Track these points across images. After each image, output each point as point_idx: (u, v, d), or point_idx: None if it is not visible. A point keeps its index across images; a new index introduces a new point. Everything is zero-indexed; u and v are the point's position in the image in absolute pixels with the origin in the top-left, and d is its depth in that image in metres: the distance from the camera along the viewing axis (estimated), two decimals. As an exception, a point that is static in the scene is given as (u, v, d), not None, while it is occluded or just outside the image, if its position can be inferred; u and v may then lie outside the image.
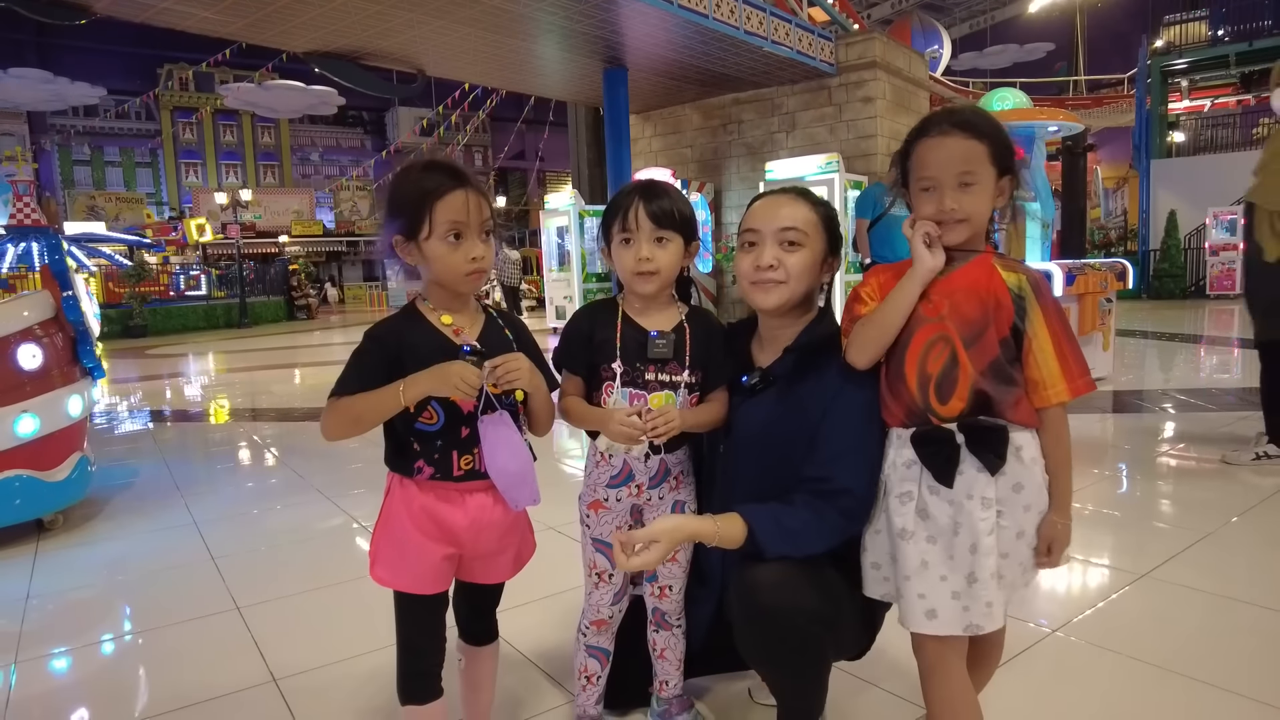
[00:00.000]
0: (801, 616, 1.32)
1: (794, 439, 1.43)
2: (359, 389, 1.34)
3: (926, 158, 1.32)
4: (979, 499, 1.28)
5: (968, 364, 1.29)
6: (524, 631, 2.15)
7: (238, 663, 2.11)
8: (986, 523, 1.28)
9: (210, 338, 15.02)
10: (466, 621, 1.56)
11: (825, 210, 1.51)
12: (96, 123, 31.37)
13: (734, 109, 11.76)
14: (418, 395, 1.31)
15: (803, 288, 1.48)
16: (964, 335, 1.30)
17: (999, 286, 1.31)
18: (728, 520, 1.36)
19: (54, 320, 3.30)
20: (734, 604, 1.38)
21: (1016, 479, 1.30)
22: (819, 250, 1.48)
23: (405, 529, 1.38)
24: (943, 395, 1.31)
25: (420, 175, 1.36)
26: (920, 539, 1.31)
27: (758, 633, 1.35)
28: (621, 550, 1.32)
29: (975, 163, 1.30)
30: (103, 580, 2.85)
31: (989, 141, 1.30)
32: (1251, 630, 2.09)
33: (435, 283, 1.40)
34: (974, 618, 1.28)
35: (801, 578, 1.35)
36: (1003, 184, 1.34)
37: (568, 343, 1.55)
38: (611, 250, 1.52)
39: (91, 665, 2.20)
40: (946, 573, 1.29)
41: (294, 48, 9.58)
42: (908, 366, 1.33)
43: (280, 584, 2.66)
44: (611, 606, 1.58)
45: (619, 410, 1.44)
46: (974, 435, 1.29)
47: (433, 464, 1.37)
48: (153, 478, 4.23)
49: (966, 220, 1.31)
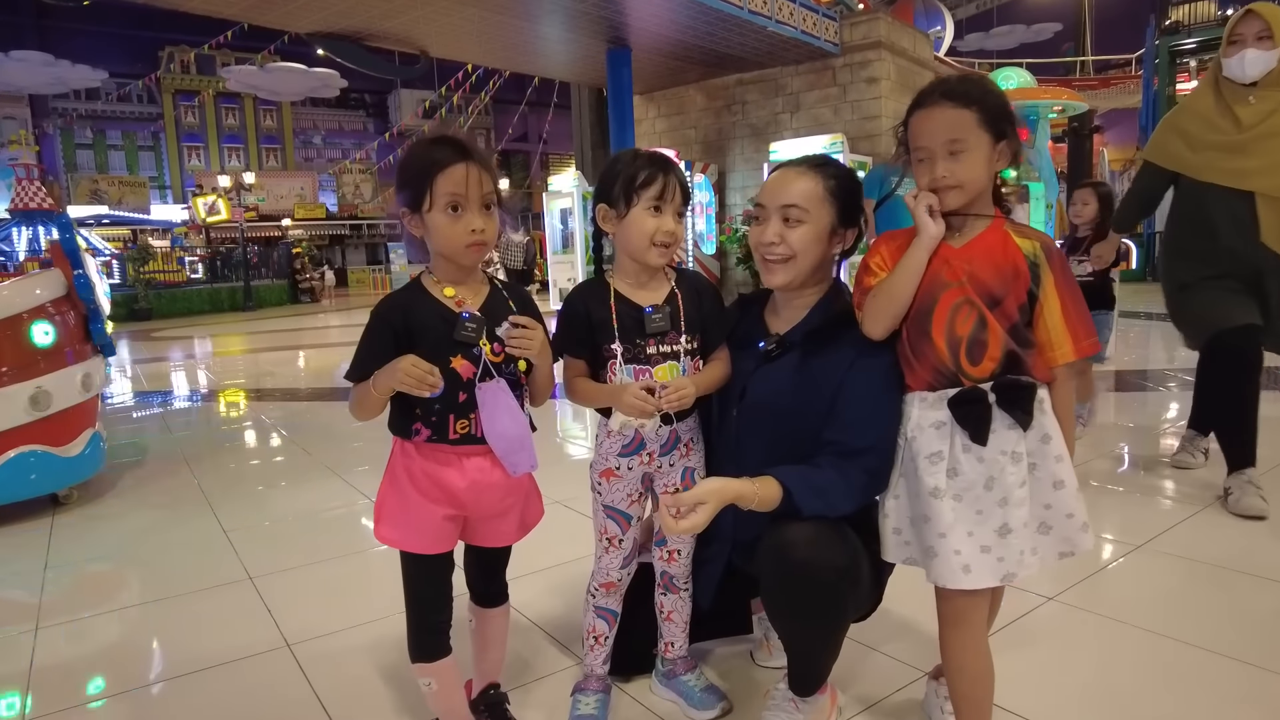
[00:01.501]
0: (834, 573, 1.35)
1: (807, 408, 1.45)
2: (368, 368, 1.39)
3: (918, 129, 1.37)
4: (1010, 454, 1.33)
5: (997, 326, 1.33)
6: (531, 599, 2.20)
7: (252, 629, 2.17)
8: (1016, 476, 1.33)
9: (215, 321, 15.08)
10: (477, 583, 1.60)
11: (837, 181, 1.50)
12: (98, 106, 31.24)
13: (738, 90, 11.71)
14: (385, 391, 1.37)
15: (809, 262, 1.49)
16: (986, 298, 1.34)
17: (1015, 254, 1.35)
18: (764, 483, 1.39)
19: (66, 298, 3.34)
20: (766, 563, 1.40)
21: (1044, 430, 1.35)
22: (824, 223, 1.48)
23: (407, 490, 1.43)
24: (974, 357, 1.35)
25: (426, 148, 1.41)
26: (949, 496, 1.35)
27: (792, 590, 1.37)
28: (669, 514, 1.34)
29: (963, 130, 1.33)
30: (118, 552, 2.91)
31: (977, 107, 1.33)
32: (1244, 598, 2.14)
33: (439, 255, 1.44)
34: (1009, 567, 1.33)
35: (833, 535, 1.38)
36: (1001, 148, 1.36)
37: (567, 328, 1.55)
38: (628, 215, 1.49)
39: (110, 632, 2.25)
40: (974, 528, 1.34)
41: (297, 28, 9.55)
42: (934, 329, 1.36)
43: (291, 556, 2.72)
44: (621, 570, 1.63)
45: (630, 386, 1.46)
46: (1005, 394, 1.33)
47: (429, 426, 1.41)
48: (163, 455, 4.28)
49: (960, 187, 1.35)
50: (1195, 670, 1.78)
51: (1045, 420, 1.35)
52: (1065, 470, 1.36)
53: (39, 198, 14.13)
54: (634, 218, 1.49)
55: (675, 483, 1.59)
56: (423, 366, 1.33)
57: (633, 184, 1.48)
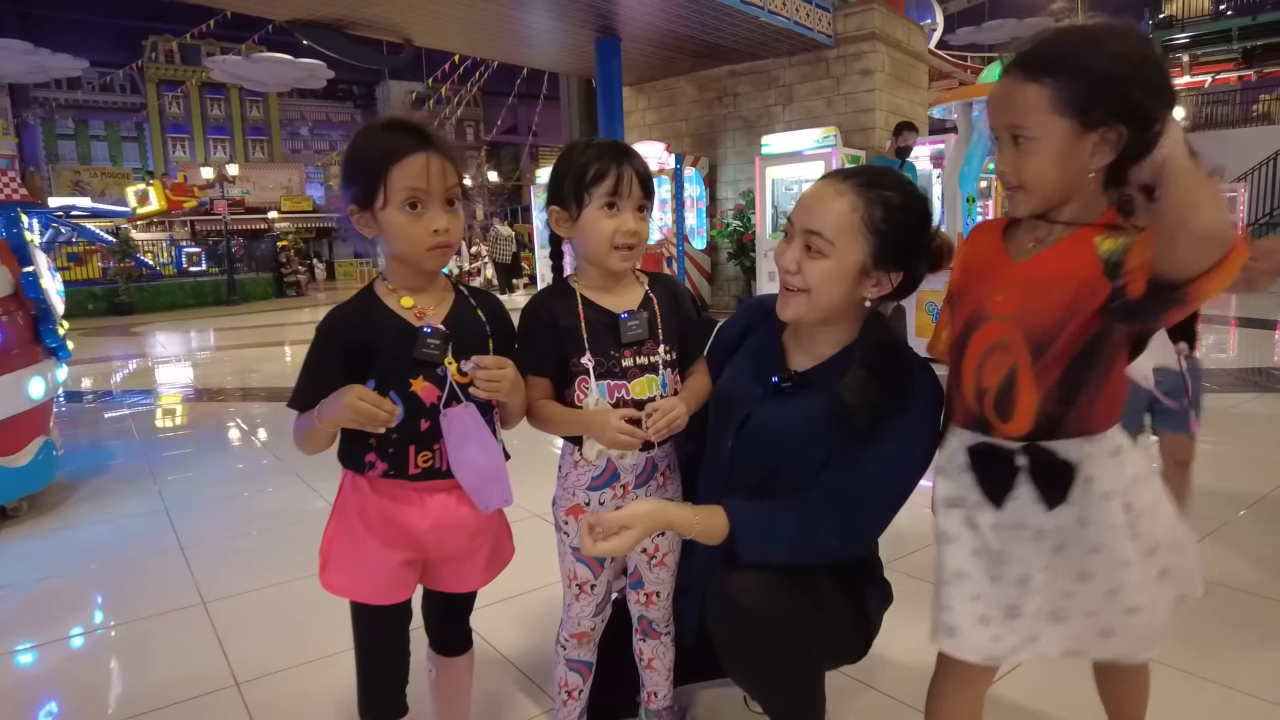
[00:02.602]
0: (788, 617, 1.20)
1: (816, 453, 1.28)
2: (313, 397, 1.19)
3: (989, 105, 1.09)
4: (1032, 529, 1.10)
5: (1030, 382, 1.07)
6: (503, 631, 2.03)
7: (201, 663, 1.98)
8: (1037, 557, 1.10)
9: (198, 315, 14.77)
10: (437, 629, 1.42)
11: (886, 210, 1.22)
12: (80, 95, 30.64)
13: (729, 81, 11.50)
14: (330, 425, 1.18)
15: (826, 302, 1.26)
16: (1033, 341, 1.06)
17: (1087, 267, 1.01)
18: (710, 513, 1.23)
19: (13, 298, 3.13)
20: (711, 614, 1.26)
21: (1082, 513, 1.09)
22: (852, 260, 1.23)
23: (358, 532, 1.24)
24: (1003, 411, 1.10)
25: (379, 135, 1.20)
26: (965, 549, 1.15)
27: (742, 642, 1.22)
28: (589, 534, 1.19)
29: (1027, 112, 1.02)
30: (65, 572, 2.70)
31: (1051, 81, 0.99)
32: (1251, 615, 1.98)
33: (395, 259, 1.24)
34: (999, 650, 1.12)
35: (784, 580, 1.22)
36: (1093, 137, 1.00)
37: (530, 341, 1.33)
38: (581, 217, 1.29)
39: (48, 665, 2.07)
40: (982, 593, 1.13)
41: (277, 16, 9.29)
42: (965, 371, 1.14)
43: (249, 576, 2.52)
44: (594, 618, 1.45)
45: (611, 413, 1.26)
46: (1039, 464, 1.09)
47: (386, 459, 1.22)
48: (127, 461, 4.08)
49: (1022, 187, 1.06)
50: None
51: (1087, 503, 1.08)
52: (1103, 564, 1.09)
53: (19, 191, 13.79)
54: (588, 219, 1.29)
55: None
56: (370, 399, 1.13)
57: (582, 180, 1.27)
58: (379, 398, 1.15)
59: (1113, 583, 1.08)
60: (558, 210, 1.32)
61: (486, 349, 1.27)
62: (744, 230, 10.54)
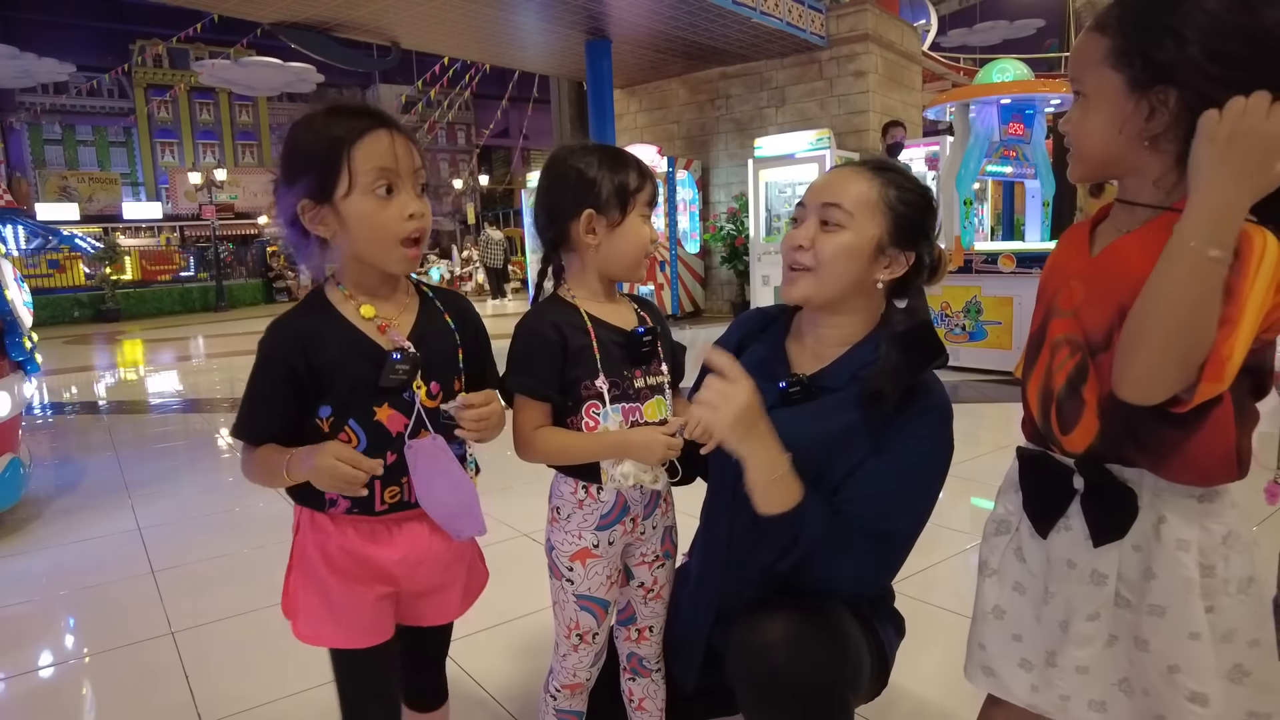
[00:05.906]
0: (824, 674, 1.11)
1: (832, 469, 1.19)
2: (260, 430, 1.07)
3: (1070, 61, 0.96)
4: (1085, 569, 0.93)
5: (1096, 383, 0.89)
6: (489, 665, 1.89)
7: (165, 699, 1.86)
8: (1085, 601, 0.93)
9: (185, 321, 14.59)
10: (410, 680, 1.29)
11: (899, 191, 1.20)
12: (67, 100, 30.37)
13: (721, 83, 11.41)
14: (299, 480, 1.04)
15: (836, 280, 1.20)
16: (1091, 341, 0.90)
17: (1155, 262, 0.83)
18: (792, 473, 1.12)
19: (-24, 310, 3.00)
20: (738, 669, 1.15)
21: (1149, 563, 0.89)
22: (869, 236, 1.18)
23: (322, 577, 1.11)
24: (1065, 422, 0.93)
25: (326, 120, 1.06)
26: (1007, 582, 1.03)
27: (774, 705, 1.12)
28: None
29: (1085, 65, 0.89)
30: (28, 599, 2.57)
31: (1113, 32, 0.85)
32: None
33: (356, 258, 1.08)
34: (1040, 700, 0.99)
35: (819, 630, 1.14)
36: (1147, 96, 0.83)
37: (534, 362, 1.19)
38: (624, 224, 1.21)
39: (3, 705, 1.94)
40: (1023, 633, 1.01)
41: (260, 18, 9.15)
42: (1034, 373, 0.98)
43: (222, 603, 2.39)
44: (591, 669, 1.33)
45: (650, 428, 1.20)
46: (1095, 486, 0.91)
47: (349, 495, 1.08)
48: (101, 477, 3.94)
49: (1075, 150, 0.92)
50: None
51: (1159, 552, 0.88)
52: (1165, 631, 0.87)
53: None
54: (630, 226, 1.22)
55: (655, 549, 1.32)
56: (349, 459, 1.00)
57: (628, 187, 1.21)
58: (359, 456, 1.01)
59: (1173, 656, 0.87)
60: (594, 215, 1.21)
61: (457, 365, 1.15)
62: (737, 234, 10.45)
